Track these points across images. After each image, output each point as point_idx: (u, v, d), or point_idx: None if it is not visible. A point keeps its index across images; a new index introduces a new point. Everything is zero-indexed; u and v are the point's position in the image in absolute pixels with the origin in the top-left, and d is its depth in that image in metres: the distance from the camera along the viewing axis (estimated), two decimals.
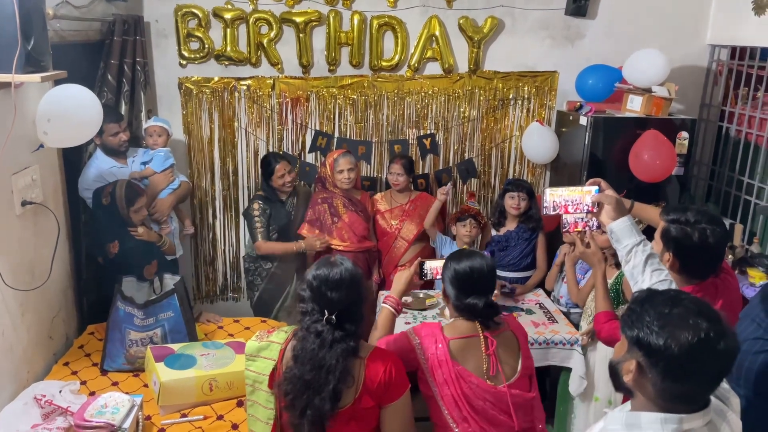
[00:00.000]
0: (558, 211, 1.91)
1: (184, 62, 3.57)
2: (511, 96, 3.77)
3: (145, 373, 2.50)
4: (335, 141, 3.74)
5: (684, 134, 3.38)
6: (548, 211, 1.93)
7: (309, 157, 3.78)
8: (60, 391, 2.26)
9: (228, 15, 3.49)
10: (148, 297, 2.72)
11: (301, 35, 3.55)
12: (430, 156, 3.84)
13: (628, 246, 1.76)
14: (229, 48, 3.55)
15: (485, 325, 1.91)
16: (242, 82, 3.62)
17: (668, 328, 1.18)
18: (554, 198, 1.91)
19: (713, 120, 3.82)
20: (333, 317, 1.67)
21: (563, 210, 1.90)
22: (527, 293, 3.30)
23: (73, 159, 2.99)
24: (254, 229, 3.35)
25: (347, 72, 3.67)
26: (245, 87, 3.63)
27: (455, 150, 3.85)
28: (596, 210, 1.86)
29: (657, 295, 1.27)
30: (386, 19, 3.56)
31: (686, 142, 3.40)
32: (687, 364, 1.16)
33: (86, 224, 3.07)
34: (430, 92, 3.72)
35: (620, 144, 3.34)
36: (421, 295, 3.20)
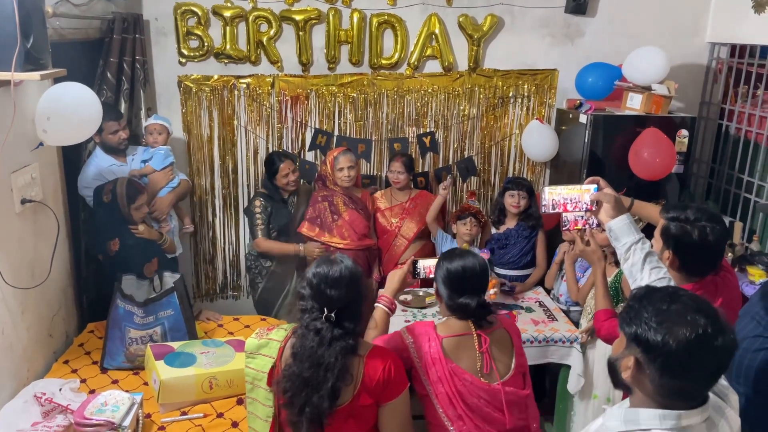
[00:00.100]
0: (557, 210, 1.91)
1: (184, 60, 3.57)
2: (511, 94, 3.77)
3: (145, 371, 2.51)
4: (335, 139, 3.74)
5: (684, 132, 3.38)
6: (547, 210, 1.94)
7: (309, 156, 3.78)
8: (60, 389, 2.26)
9: (227, 13, 3.48)
10: (148, 295, 2.73)
11: (301, 33, 3.55)
12: (430, 154, 3.84)
13: (627, 244, 1.77)
14: (229, 46, 3.55)
15: (478, 325, 1.91)
16: (242, 80, 3.62)
17: (666, 325, 1.18)
18: (553, 196, 1.91)
19: (713, 118, 3.82)
20: (332, 315, 1.67)
21: (562, 208, 1.91)
22: (527, 291, 3.31)
23: (73, 157, 3.00)
24: (255, 226, 3.36)
25: (347, 70, 3.66)
26: (245, 85, 3.63)
27: (455, 148, 3.85)
28: (595, 208, 1.87)
29: (655, 292, 1.28)
30: (386, 17, 3.56)
31: (686, 140, 3.39)
32: (685, 360, 1.16)
33: (86, 222, 3.07)
34: (430, 90, 3.72)
35: (620, 142, 3.34)
36: (421, 293, 3.20)
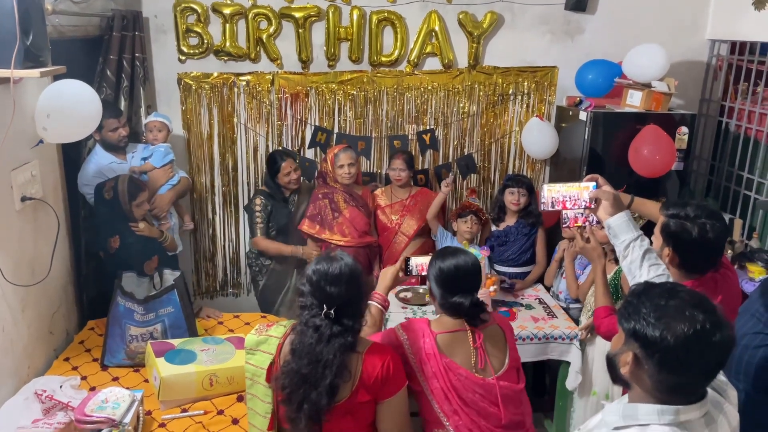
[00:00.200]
0: (556, 207, 1.92)
1: (183, 58, 3.57)
2: (511, 91, 3.76)
3: (146, 369, 2.51)
4: (335, 136, 3.74)
5: (684, 129, 3.38)
6: (546, 207, 1.94)
7: (309, 153, 3.78)
8: (60, 387, 2.27)
9: (227, 10, 3.48)
10: (148, 292, 2.73)
11: (301, 30, 3.54)
12: (430, 151, 3.84)
13: (626, 241, 1.77)
14: (229, 43, 3.54)
15: (471, 322, 1.91)
16: (241, 78, 3.62)
17: (664, 320, 1.18)
18: (552, 194, 1.92)
19: (713, 115, 3.81)
20: (331, 312, 1.67)
21: (561, 206, 1.91)
22: (527, 288, 3.31)
23: (73, 155, 3.00)
24: (254, 224, 3.37)
25: (347, 67, 3.66)
26: (244, 82, 3.63)
27: (455, 145, 3.84)
28: (594, 206, 1.87)
29: (654, 288, 1.28)
30: (386, 15, 3.56)
31: (686, 137, 3.39)
32: (683, 356, 1.17)
33: (86, 220, 3.08)
34: (430, 87, 3.72)
35: (620, 139, 3.33)
36: (421, 291, 3.20)
